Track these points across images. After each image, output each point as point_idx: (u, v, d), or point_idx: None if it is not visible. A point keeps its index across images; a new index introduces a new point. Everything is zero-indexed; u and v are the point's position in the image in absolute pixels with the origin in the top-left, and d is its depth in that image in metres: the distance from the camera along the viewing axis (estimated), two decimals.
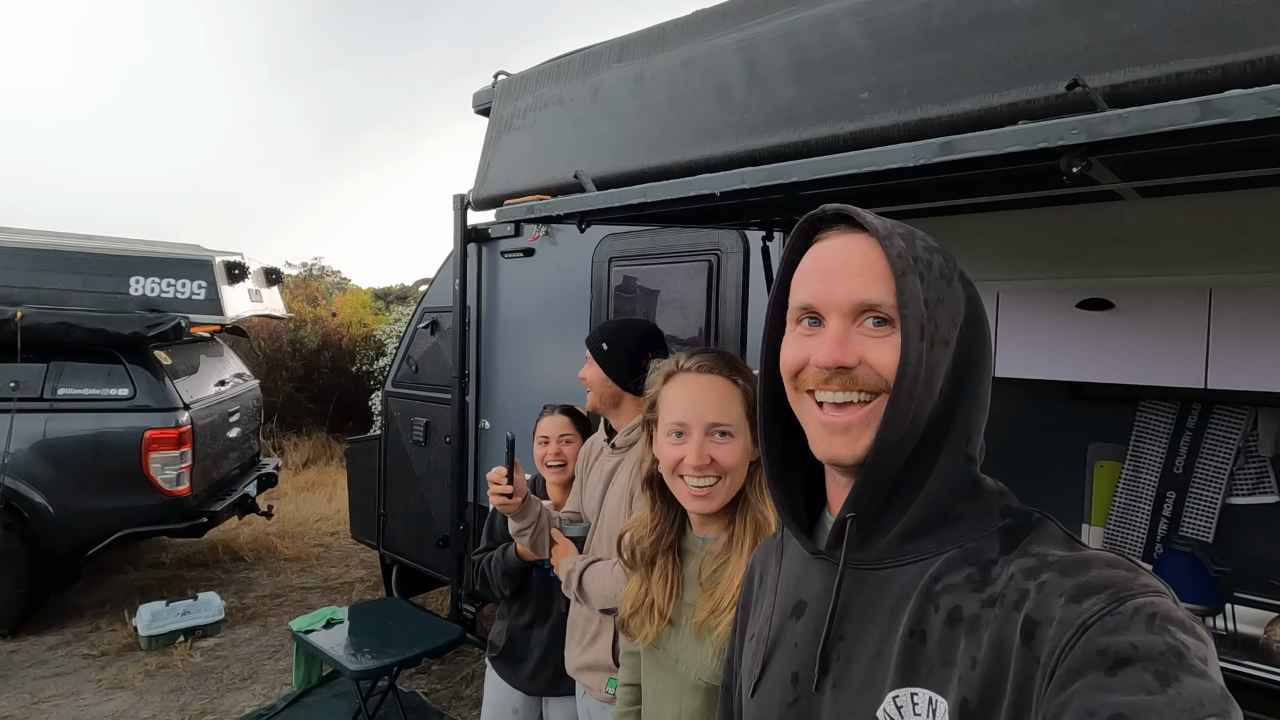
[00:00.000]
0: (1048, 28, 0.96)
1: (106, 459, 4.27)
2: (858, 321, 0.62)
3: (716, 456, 1.05)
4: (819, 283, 0.64)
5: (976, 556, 0.59)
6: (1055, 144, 0.76)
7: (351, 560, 5.47)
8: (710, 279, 2.59)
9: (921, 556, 0.62)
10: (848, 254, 0.63)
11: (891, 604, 0.62)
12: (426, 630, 3.08)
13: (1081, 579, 0.52)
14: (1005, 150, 0.78)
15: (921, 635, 0.58)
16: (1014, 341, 2.01)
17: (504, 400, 3.47)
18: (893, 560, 0.63)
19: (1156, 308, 1.81)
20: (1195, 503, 2.18)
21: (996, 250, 1.99)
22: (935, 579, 0.60)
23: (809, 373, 0.64)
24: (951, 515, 0.62)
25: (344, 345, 9.69)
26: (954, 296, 0.64)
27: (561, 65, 1.79)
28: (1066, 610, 0.50)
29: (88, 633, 4.20)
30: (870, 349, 0.61)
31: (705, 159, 1.35)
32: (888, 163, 0.87)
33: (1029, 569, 0.55)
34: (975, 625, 0.55)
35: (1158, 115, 0.69)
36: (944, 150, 0.83)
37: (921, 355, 0.59)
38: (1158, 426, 2.23)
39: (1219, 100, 0.66)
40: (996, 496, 0.64)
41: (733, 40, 1.42)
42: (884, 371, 0.60)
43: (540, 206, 1.45)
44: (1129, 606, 0.48)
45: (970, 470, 0.64)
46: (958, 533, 0.61)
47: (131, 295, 4.52)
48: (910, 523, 0.62)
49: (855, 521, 0.64)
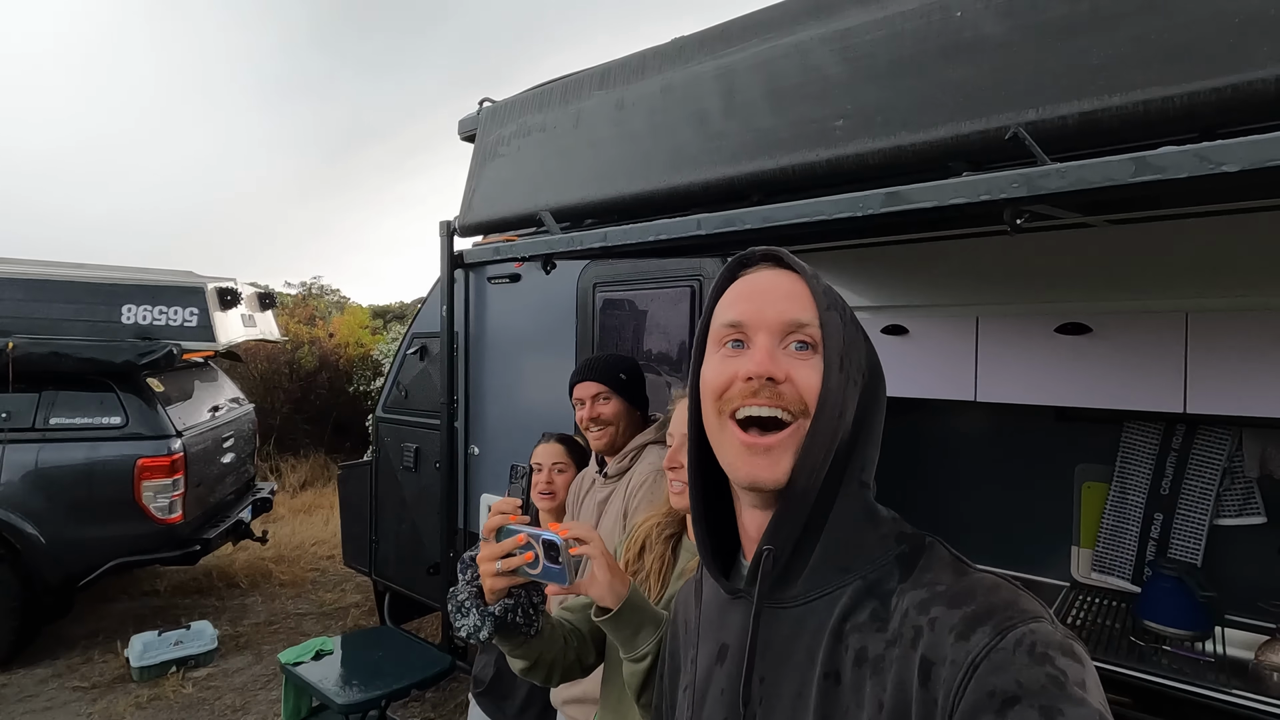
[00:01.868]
0: (1017, 55, 0.96)
1: (98, 488, 4.26)
2: (783, 343, 0.64)
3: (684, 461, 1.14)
4: (748, 303, 0.66)
5: (878, 588, 0.61)
6: (998, 196, 0.76)
7: (347, 585, 5.44)
8: (693, 304, 2.59)
9: (829, 589, 0.63)
10: (776, 282, 0.67)
11: (807, 642, 0.63)
12: (417, 660, 3.05)
13: (967, 609, 0.54)
14: (949, 202, 0.78)
15: (835, 676, 0.60)
16: (994, 366, 2.01)
17: (493, 425, 3.46)
18: (804, 597, 0.64)
19: (1134, 332, 1.80)
20: (1183, 524, 2.16)
21: (974, 275, 1.99)
22: (844, 617, 0.61)
23: (735, 389, 0.64)
24: (854, 544, 0.64)
25: (341, 365, 9.69)
26: (861, 344, 0.67)
27: (544, 93, 1.80)
28: (956, 649, 0.52)
29: (79, 664, 4.17)
30: (796, 368, 0.63)
31: (684, 186, 1.35)
32: (835, 212, 0.87)
33: (921, 602, 0.57)
34: (880, 666, 0.57)
35: (1094, 171, 0.69)
36: (889, 201, 0.83)
37: (841, 385, 0.62)
38: (1143, 448, 2.22)
39: (1153, 157, 0.66)
40: (891, 523, 0.66)
41: (710, 68, 1.42)
42: (807, 392, 0.62)
43: (506, 248, 1.45)
44: (1010, 639, 0.51)
45: (866, 497, 0.66)
46: (860, 563, 0.63)
47: (124, 323, 4.52)
48: (820, 555, 0.64)
49: (772, 555, 0.64)
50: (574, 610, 1.25)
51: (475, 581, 1.00)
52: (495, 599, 0.98)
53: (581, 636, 1.20)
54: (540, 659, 1.10)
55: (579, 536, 0.97)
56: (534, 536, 0.93)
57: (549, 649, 1.11)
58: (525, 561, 0.94)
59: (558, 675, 1.14)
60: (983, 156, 0.96)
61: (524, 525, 0.96)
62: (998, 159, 0.95)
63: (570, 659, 1.16)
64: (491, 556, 0.96)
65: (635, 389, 1.92)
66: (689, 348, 2.64)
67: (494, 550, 0.96)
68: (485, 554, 0.97)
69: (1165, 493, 2.18)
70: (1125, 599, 2.19)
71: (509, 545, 0.95)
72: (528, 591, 1.00)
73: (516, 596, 0.99)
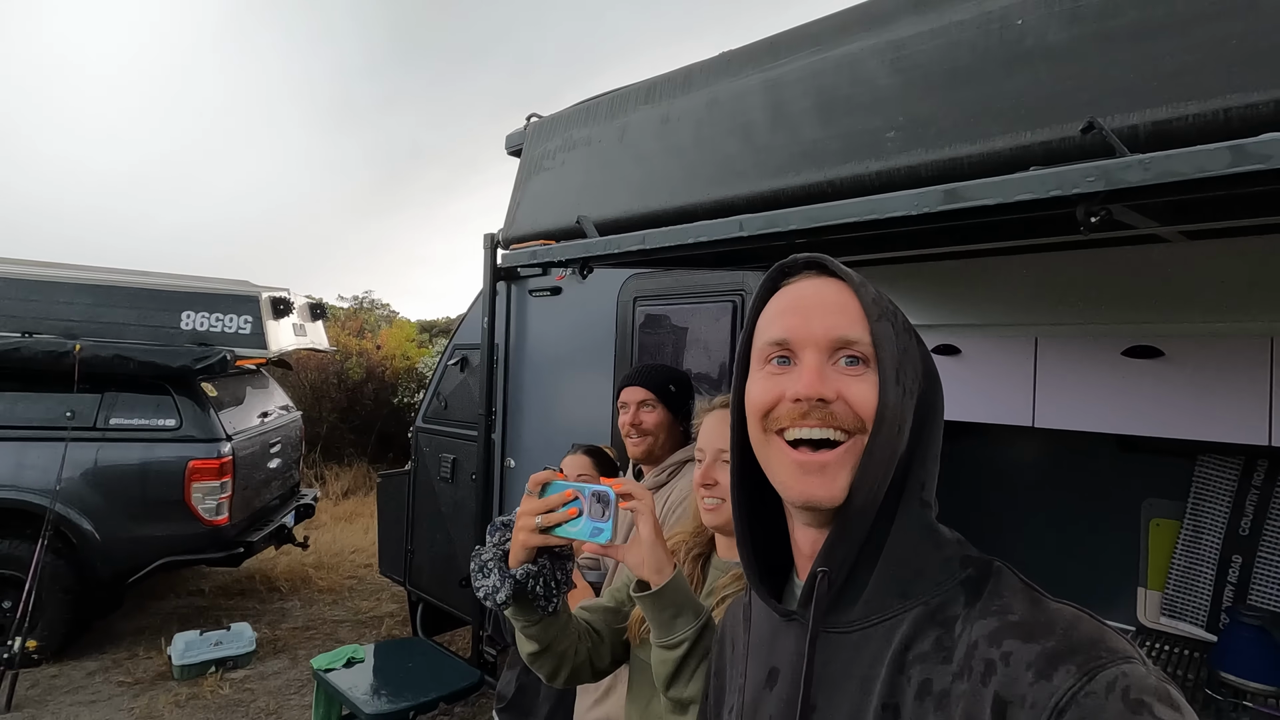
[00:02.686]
0: (1080, 63, 0.91)
1: (151, 488, 4.40)
2: (832, 359, 0.60)
3: (720, 479, 1.16)
4: (793, 318, 0.62)
5: (941, 614, 0.57)
6: (1070, 192, 0.69)
7: (383, 594, 5.48)
8: (735, 319, 2.53)
9: (889, 615, 0.59)
10: (823, 294, 0.63)
11: (863, 671, 0.58)
12: (446, 673, 3.03)
13: (1047, 644, 0.50)
14: (1015, 199, 0.72)
15: (894, 709, 0.55)
16: (1054, 390, 1.89)
17: (529, 439, 3.44)
18: (862, 622, 0.60)
19: (1211, 357, 1.67)
20: (1265, 568, 1.98)
21: (1031, 293, 1.88)
22: (905, 646, 0.57)
23: (782, 409, 0.61)
24: (915, 567, 0.60)
25: (387, 377, 9.90)
26: (915, 351, 0.63)
27: (590, 107, 1.80)
28: (1037, 689, 0.48)
29: (124, 659, 4.28)
30: (847, 386, 0.59)
31: (730, 199, 1.32)
32: (889, 211, 0.81)
33: (992, 633, 0.53)
34: (944, 701, 0.53)
35: (1184, 161, 0.62)
36: (948, 198, 0.77)
37: (898, 399, 0.59)
38: (1219, 483, 2.06)
39: (1254, 145, 0.59)
40: (955, 545, 0.61)
41: (758, 80, 1.40)
42: (862, 410, 0.59)
43: (543, 252, 1.43)
44: (1101, 682, 0.46)
45: (927, 517, 0.62)
46: (922, 587, 0.59)
47: (183, 329, 4.70)
48: (879, 578, 0.60)
49: (827, 578, 0.60)
50: (594, 610, 1.22)
51: (504, 544, 0.98)
52: (521, 563, 0.95)
53: (598, 637, 1.17)
54: (552, 646, 1.06)
55: (629, 492, 0.94)
56: (582, 490, 0.92)
57: (562, 638, 1.07)
58: (568, 518, 0.91)
59: (566, 670, 1.10)
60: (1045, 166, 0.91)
61: (575, 484, 0.94)
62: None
63: (581, 658, 1.12)
64: (533, 511, 0.93)
65: (682, 403, 1.89)
66: (730, 365, 2.58)
67: (537, 505, 0.94)
68: (526, 508, 0.94)
69: (1245, 533, 2.01)
70: (1198, 647, 2.02)
71: (556, 500, 0.92)
72: (553, 565, 0.98)
73: (541, 566, 0.96)
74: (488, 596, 0.96)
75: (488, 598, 0.96)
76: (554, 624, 1.04)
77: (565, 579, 1.01)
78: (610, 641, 1.19)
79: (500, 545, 0.99)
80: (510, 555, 0.97)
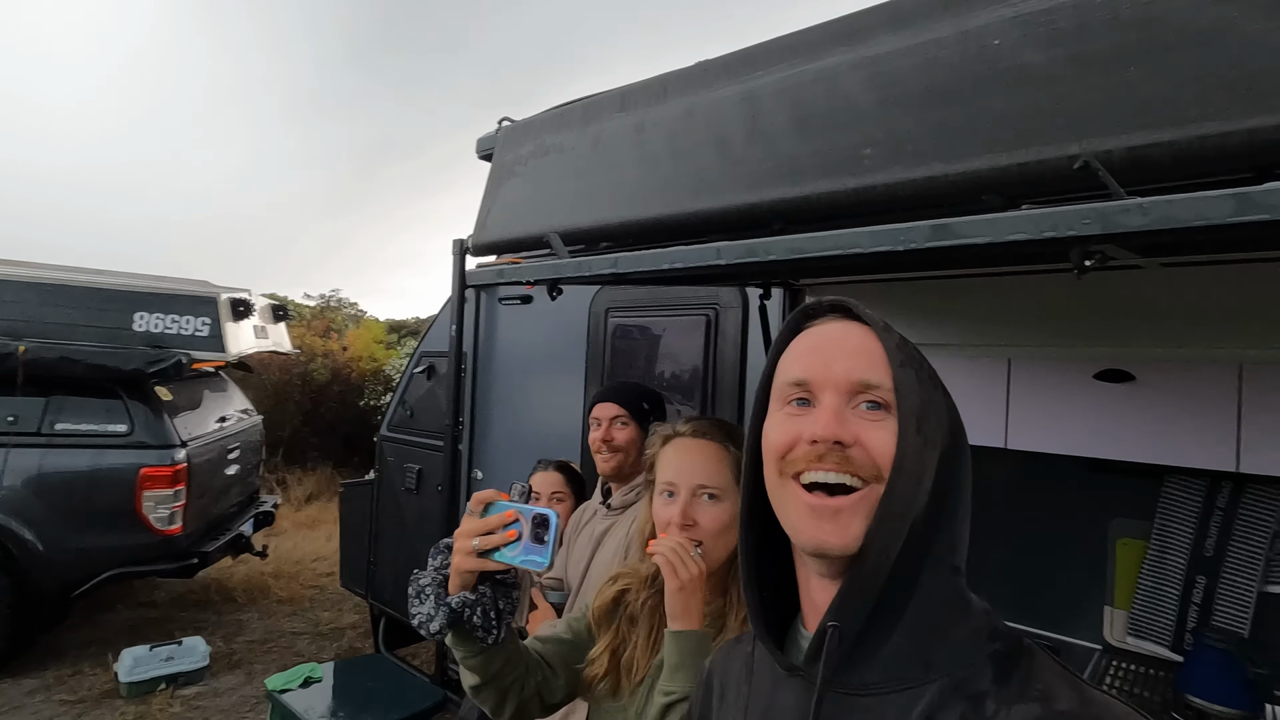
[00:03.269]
0: (1061, 86, 0.89)
1: (100, 496, 4.21)
2: (852, 403, 0.58)
3: (699, 519, 1.06)
4: (814, 358, 0.61)
5: (967, 689, 0.54)
6: (1065, 234, 0.66)
7: (345, 604, 5.33)
8: (708, 333, 2.49)
9: (908, 685, 0.55)
10: (846, 336, 0.62)
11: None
12: (408, 693, 2.94)
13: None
14: (1007, 239, 0.69)
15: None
16: (1026, 412, 1.89)
17: (497, 450, 3.37)
18: (879, 687, 0.56)
19: (1181, 382, 1.68)
20: (1228, 589, 2.00)
21: (1007, 315, 1.88)
22: (927, 717, 0.53)
23: (799, 451, 0.59)
24: (939, 635, 0.56)
25: (353, 379, 9.68)
26: (940, 403, 0.61)
27: (564, 113, 1.75)
28: None
29: (68, 677, 4.09)
30: (866, 431, 0.57)
31: (703, 211, 1.29)
32: (874, 246, 0.78)
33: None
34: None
35: (1184, 208, 0.59)
36: (936, 234, 0.73)
37: (919, 448, 0.56)
38: (1185, 504, 2.07)
39: (1259, 194, 0.56)
40: (984, 616, 0.58)
41: (734, 92, 1.36)
42: (879, 456, 0.56)
43: (510, 271, 1.38)
44: None
45: (958, 583, 0.59)
46: (946, 658, 0.55)
47: (135, 331, 4.51)
48: (898, 642, 0.56)
49: (837, 633, 0.56)
50: (548, 641, 1.14)
51: (444, 569, 0.92)
52: (459, 589, 0.90)
53: (550, 670, 1.10)
54: (495, 678, 0.99)
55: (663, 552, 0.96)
56: (524, 512, 0.87)
57: (508, 671, 1.00)
58: (506, 541, 0.86)
59: (511, 705, 1.03)
60: (1021, 190, 0.89)
61: (517, 504, 0.89)
62: (1037, 193, 0.88)
63: (529, 691, 1.05)
64: (471, 532, 0.88)
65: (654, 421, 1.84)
66: (704, 377, 2.55)
67: (475, 526, 0.89)
68: (464, 529, 0.89)
69: (1209, 554, 2.03)
70: (1164, 667, 2.03)
71: (495, 521, 0.87)
72: (495, 593, 0.92)
73: (481, 595, 0.90)
74: (422, 625, 0.91)
75: (422, 626, 0.91)
76: (497, 656, 0.98)
77: (509, 608, 0.94)
78: (565, 675, 1.12)
79: (440, 570, 0.93)
80: (449, 580, 0.91)
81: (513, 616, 0.95)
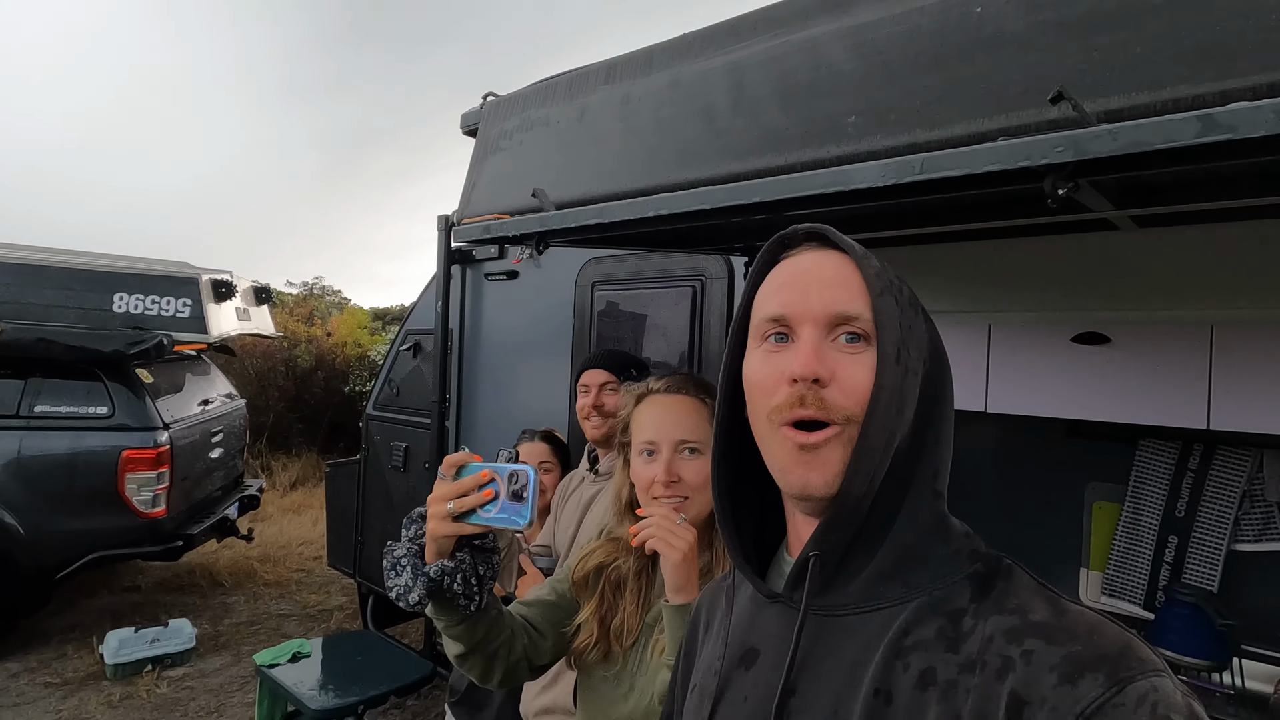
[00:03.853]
0: (1039, 51, 0.91)
1: (81, 479, 4.17)
2: (831, 336, 0.58)
3: (683, 474, 1.05)
4: (791, 293, 0.60)
5: (945, 606, 0.55)
6: (1039, 163, 0.68)
7: (332, 587, 5.33)
8: (694, 304, 2.51)
9: (886, 604, 0.56)
10: (823, 266, 0.60)
11: (853, 657, 0.56)
12: (397, 666, 2.95)
13: (1073, 649, 0.48)
14: (983, 170, 0.71)
15: (887, 696, 0.53)
16: (1006, 376, 1.92)
17: (485, 426, 3.37)
18: (855, 607, 0.57)
19: (1156, 343, 1.72)
20: (1199, 548, 2.07)
21: (986, 280, 1.91)
22: (904, 631, 0.54)
23: (781, 397, 0.58)
24: (920, 558, 0.57)
25: (338, 365, 9.61)
26: (921, 328, 0.60)
27: (549, 87, 1.75)
28: (1059, 693, 0.46)
29: (52, 660, 4.06)
30: (843, 365, 0.57)
31: (690, 182, 1.29)
32: (856, 182, 0.80)
33: (1010, 630, 0.51)
34: (951, 692, 0.50)
35: (1153, 131, 0.61)
36: (915, 169, 0.75)
37: (897, 380, 0.56)
38: (1158, 467, 2.13)
39: (1221, 115, 0.58)
40: (964, 539, 0.59)
41: (719, 63, 1.37)
42: (857, 392, 0.56)
43: (497, 226, 1.38)
44: (1131, 695, 0.44)
45: (939, 508, 0.59)
46: (925, 578, 0.56)
47: (115, 312, 4.45)
48: (879, 565, 0.57)
49: (819, 561, 0.58)
50: (533, 604, 1.14)
51: (419, 539, 0.89)
52: (436, 557, 0.87)
53: (536, 633, 1.09)
54: (480, 645, 0.97)
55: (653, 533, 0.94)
56: (499, 471, 0.84)
57: (492, 637, 0.99)
58: (483, 501, 0.84)
59: (500, 671, 1.02)
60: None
61: (491, 464, 0.86)
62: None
63: (517, 655, 1.04)
64: (444, 496, 0.85)
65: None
66: (690, 349, 2.56)
67: (448, 489, 0.86)
68: (437, 494, 0.86)
69: (1180, 515, 2.09)
70: (1137, 625, 2.09)
71: (469, 483, 0.85)
72: (475, 559, 0.89)
73: (460, 562, 0.88)
74: (400, 597, 0.87)
75: (400, 598, 0.87)
76: (480, 623, 0.96)
77: (490, 573, 0.92)
78: (551, 637, 1.11)
79: (415, 539, 0.90)
80: (426, 549, 0.89)
81: (494, 582, 0.94)
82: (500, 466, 0.86)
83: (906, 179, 0.76)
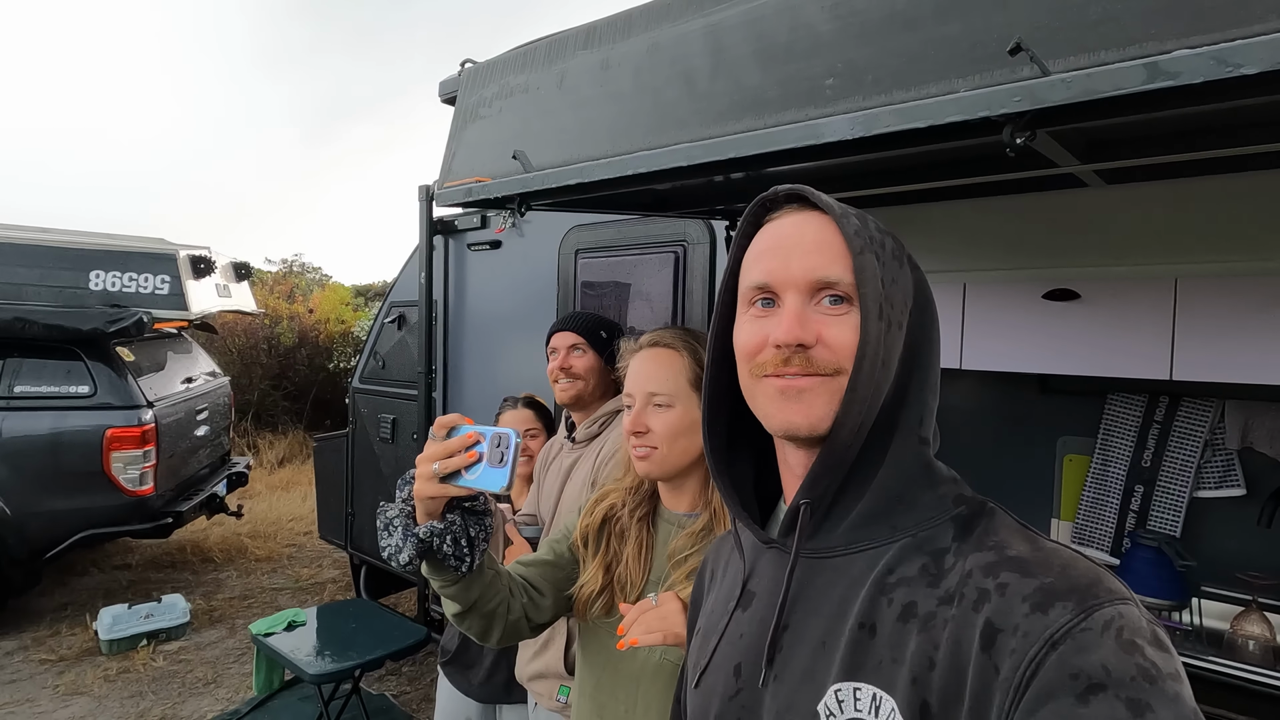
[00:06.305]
0: (1013, 11, 0.93)
1: (66, 458, 4.15)
2: (814, 299, 0.60)
3: (652, 425, 1.10)
4: (773, 260, 0.62)
5: (929, 545, 0.58)
6: (997, 112, 0.71)
7: (324, 560, 5.38)
8: (676, 270, 2.53)
9: (873, 544, 0.60)
10: (803, 231, 0.62)
11: (841, 594, 0.60)
12: (391, 632, 3.01)
13: (1045, 580, 0.50)
14: (946, 120, 0.74)
15: (871, 628, 0.56)
16: (981, 333, 1.98)
17: (471, 396, 3.40)
18: (844, 548, 0.61)
19: (1122, 298, 1.77)
20: (1163, 496, 2.16)
21: (961, 240, 1.95)
22: (889, 570, 0.58)
23: (766, 355, 0.61)
24: (906, 501, 0.60)
25: (321, 342, 9.55)
26: (905, 278, 0.62)
27: (528, 52, 1.74)
28: (1031, 620, 0.48)
29: (46, 637, 4.09)
30: (828, 327, 0.59)
31: (670, 147, 1.31)
32: (827, 136, 0.83)
33: (987, 565, 0.53)
34: (930, 623, 0.53)
35: (1103, 79, 0.64)
36: (882, 121, 0.78)
37: (880, 335, 0.58)
38: (1126, 419, 2.21)
39: (1166, 62, 0.61)
40: (950, 484, 0.62)
41: (699, 26, 1.37)
42: (842, 351, 0.58)
43: (479, 189, 1.39)
44: (1098, 620, 0.47)
45: (924, 454, 0.62)
46: (911, 520, 0.59)
47: (92, 290, 4.39)
48: (865, 508, 0.60)
49: (809, 508, 0.61)
50: (531, 564, 1.17)
51: (411, 500, 0.91)
52: (426, 518, 0.89)
53: (535, 592, 1.12)
54: (476, 605, 1.00)
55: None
56: (485, 434, 0.86)
57: (489, 597, 1.01)
58: (467, 462, 0.85)
59: (498, 630, 1.05)
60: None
61: (479, 426, 0.88)
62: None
63: (515, 615, 1.06)
64: (432, 456, 0.87)
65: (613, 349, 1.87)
66: (674, 315, 2.59)
67: (436, 450, 0.87)
68: (426, 453, 0.88)
69: (1147, 465, 2.17)
70: None
71: (456, 444, 0.86)
72: (465, 520, 0.91)
73: (450, 523, 0.90)
74: (391, 557, 0.89)
75: (391, 558, 0.89)
76: (475, 582, 0.97)
77: (482, 535, 0.93)
78: (552, 596, 1.14)
79: (408, 501, 0.92)
80: (415, 510, 0.91)
81: (486, 544, 0.95)
82: (487, 430, 0.87)
83: (875, 131, 0.79)
